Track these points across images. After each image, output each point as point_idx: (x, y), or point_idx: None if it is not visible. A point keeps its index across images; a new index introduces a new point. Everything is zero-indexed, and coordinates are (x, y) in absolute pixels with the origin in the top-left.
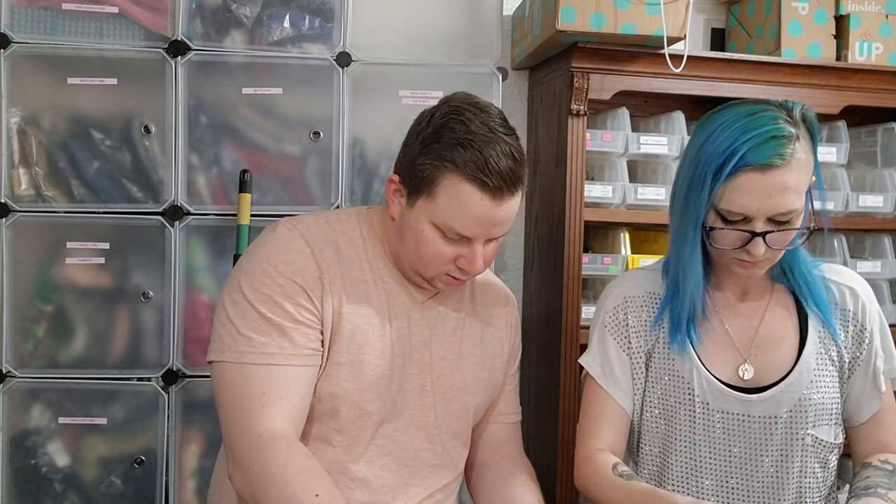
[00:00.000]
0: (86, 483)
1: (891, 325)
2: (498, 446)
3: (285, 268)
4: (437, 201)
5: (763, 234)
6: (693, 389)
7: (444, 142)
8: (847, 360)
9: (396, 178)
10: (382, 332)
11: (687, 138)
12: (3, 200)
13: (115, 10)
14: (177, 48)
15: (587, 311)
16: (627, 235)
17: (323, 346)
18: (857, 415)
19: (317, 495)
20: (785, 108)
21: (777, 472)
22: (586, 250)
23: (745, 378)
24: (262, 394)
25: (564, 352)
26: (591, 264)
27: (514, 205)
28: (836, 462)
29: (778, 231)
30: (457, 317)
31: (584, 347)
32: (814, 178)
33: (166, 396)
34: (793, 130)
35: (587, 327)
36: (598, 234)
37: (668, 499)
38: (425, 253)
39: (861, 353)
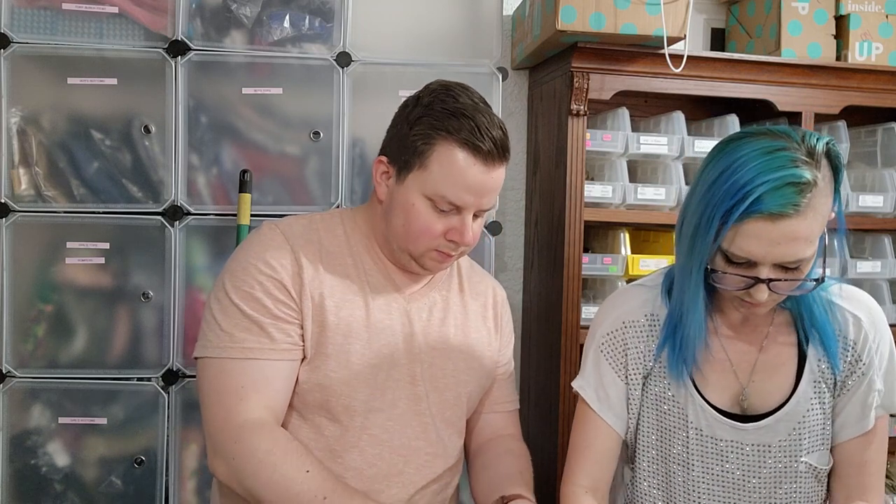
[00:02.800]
0: (86, 483)
1: (891, 326)
2: (494, 433)
3: (265, 265)
4: (429, 170)
5: (767, 281)
6: (687, 416)
7: (436, 114)
8: (839, 385)
9: (384, 158)
10: (367, 323)
11: (687, 138)
12: (3, 200)
13: (115, 10)
14: (177, 48)
15: (587, 311)
16: (627, 235)
17: (303, 340)
18: (832, 435)
19: (307, 471)
20: (807, 144)
21: (770, 496)
22: (586, 250)
23: (744, 406)
24: (241, 387)
25: (564, 352)
26: (591, 264)
27: (502, 175)
28: (826, 481)
29: (784, 279)
30: (444, 307)
31: (583, 348)
32: (833, 214)
33: (166, 396)
34: (810, 176)
35: (587, 327)
36: (598, 234)
37: None
38: (415, 227)
39: (851, 381)
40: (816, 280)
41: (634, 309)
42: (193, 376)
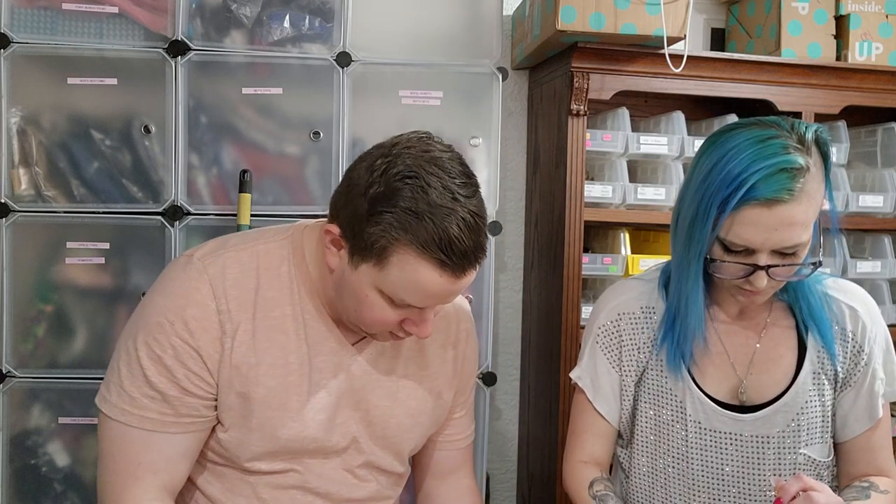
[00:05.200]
0: (86, 483)
1: (890, 326)
2: (446, 473)
3: (182, 327)
4: (387, 272)
5: (766, 268)
6: (685, 408)
7: (399, 211)
8: (841, 378)
9: (336, 230)
10: (300, 390)
11: (687, 138)
12: (3, 200)
13: (115, 10)
14: (177, 48)
15: (587, 311)
16: (627, 235)
17: (217, 410)
18: (841, 432)
19: None
20: (797, 132)
21: (769, 489)
22: (586, 250)
23: (742, 398)
24: (138, 464)
25: (564, 352)
26: (591, 264)
27: (473, 277)
28: (830, 478)
29: (782, 265)
30: (393, 357)
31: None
32: (825, 203)
33: None
34: (803, 161)
35: None
36: (598, 234)
37: None
38: (367, 316)
39: (856, 374)
40: (814, 264)
41: (630, 301)
42: None
